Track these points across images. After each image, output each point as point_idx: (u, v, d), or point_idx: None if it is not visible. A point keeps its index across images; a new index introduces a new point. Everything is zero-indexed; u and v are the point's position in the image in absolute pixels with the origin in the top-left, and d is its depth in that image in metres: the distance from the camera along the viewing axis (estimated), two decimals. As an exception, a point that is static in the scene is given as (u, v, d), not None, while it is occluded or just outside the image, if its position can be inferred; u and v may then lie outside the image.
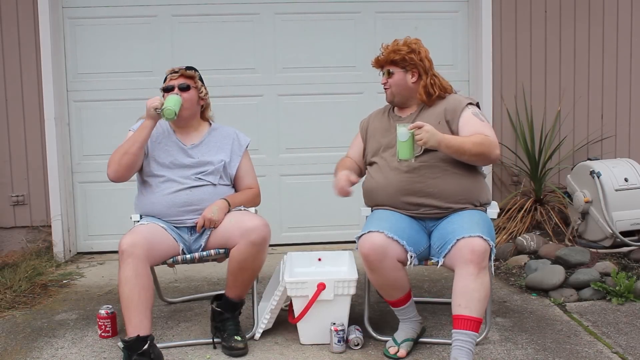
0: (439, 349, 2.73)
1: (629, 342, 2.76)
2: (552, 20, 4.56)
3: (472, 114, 2.70)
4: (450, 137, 2.60)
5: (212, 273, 3.90)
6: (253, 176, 3.05)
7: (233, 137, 3.01)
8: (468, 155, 2.60)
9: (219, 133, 3.00)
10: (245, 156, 3.03)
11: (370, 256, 2.53)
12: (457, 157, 2.61)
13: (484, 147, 2.59)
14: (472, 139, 2.60)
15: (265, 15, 4.49)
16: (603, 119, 4.66)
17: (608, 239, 3.92)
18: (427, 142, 2.52)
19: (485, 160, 2.66)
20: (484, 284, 2.43)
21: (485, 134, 2.63)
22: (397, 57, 2.77)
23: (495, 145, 2.62)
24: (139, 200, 2.90)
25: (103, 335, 2.93)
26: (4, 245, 4.40)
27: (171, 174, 2.82)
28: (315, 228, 4.60)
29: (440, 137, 2.54)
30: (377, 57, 2.85)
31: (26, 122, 4.36)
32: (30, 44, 4.31)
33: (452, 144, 2.57)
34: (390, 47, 2.81)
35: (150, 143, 2.88)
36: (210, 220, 2.75)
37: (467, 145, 2.58)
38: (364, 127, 2.98)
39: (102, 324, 2.92)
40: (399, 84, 2.79)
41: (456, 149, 2.57)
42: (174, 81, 2.90)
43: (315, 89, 4.55)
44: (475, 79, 4.55)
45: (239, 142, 3.02)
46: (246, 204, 2.93)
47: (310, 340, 2.78)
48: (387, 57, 2.80)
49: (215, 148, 2.93)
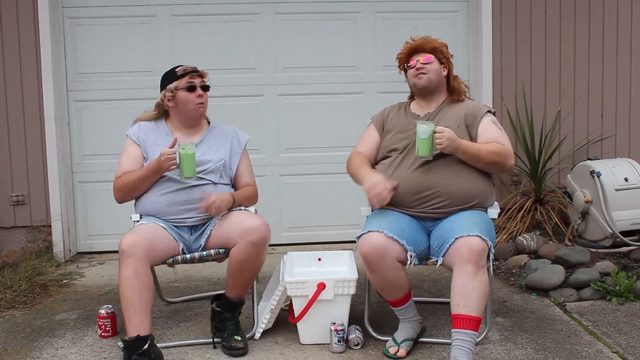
0: (439, 348, 2.73)
1: (629, 342, 2.76)
2: (552, 21, 4.56)
3: (490, 121, 2.75)
4: (467, 144, 2.64)
5: (212, 273, 3.90)
6: (251, 174, 3.05)
7: (232, 135, 3.01)
8: (483, 163, 2.66)
9: (218, 131, 3.00)
10: (245, 154, 3.03)
11: (370, 256, 2.53)
12: (472, 163, 2.66)
13: (500, 156, 2.65)
14: (489, 148, 2.65)
15: (265, 15, 4.49)
16: (603, 119, 4.65)
17: (608, 238, 3.92)
18: (446, 148, 2.58)
19: (500, 169, 2.73)
20: (482, 283, 2.43)
21: (502, 143, 2.69)
22: (436, 45, 2.80)
23: (510, 155, 2.69)
24: (139, 199, 2.90)
25: (103, 335, 2.92)
26: (4, 245, 4.40)
27: (171, 172, 2.81)
28: (315, 228, 4.60)
29: (458, 144, 2.59)
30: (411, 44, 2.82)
31: (26, 122, 4.36)
32: (30, 44, 4.31)
33: (469, 151, 2.62)
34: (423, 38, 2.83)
35: (148, 146, 2.87)
36: (217, 207, 2.73)
37: (483, 154, 2.64)
38: (379, 120, 2.93)
39: (102, 323, 2.92)
40: (437, 72, 2.80)
41: (472, 156, 2.63)
42: (196, 80, 2.86)
43: (315, 89, 4.55)
44: (475, 79, 4.55)
45: (238, 140, 3.02)
46: (247, 202, 2.94)
47: (310, 340, 2.78)
48: (425, 43, 2.80)
49: (215, 147, 2.93)
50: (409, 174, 2.68)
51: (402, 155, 2.74)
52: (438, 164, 2.66)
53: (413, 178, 2.67)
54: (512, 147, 2.73)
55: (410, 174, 2.68)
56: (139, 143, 2.88)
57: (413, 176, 2.68)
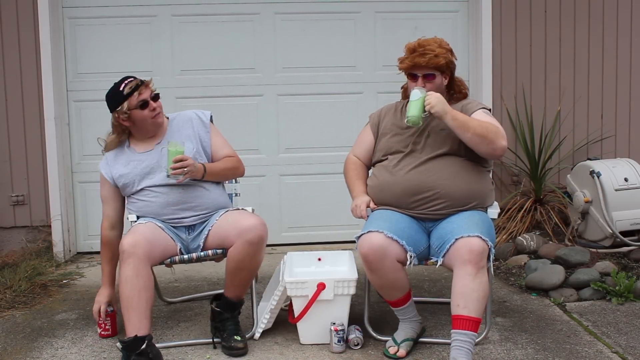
0: (438, 348, 2.73)
1: (629, 342, 2.76)
2: (552, 20, 4.56)
3: (483, 112, 2.73)
4: (458, 112, 2.60)
5: (212, 273, 3.90)
6: (229, 146, 2.98)
7: (193, 118, 2.96)
8: (471, 134, 2.54)
9: (179, 122, 2.95)
10: (214, 130, 2.98)
11: (370, 256, 2.53)
12: (460, 133, 2.56)
13: (490, 131, 2.57)
14: (480, 121, 2.61)
15: (265, 15, 4.49)
16: (603, 119, 4.65)
17: (608, 238, 3.92)
18: (434, 107, 2.53)
19: (489, 146, 2.57)
20: (482, 284, 2.43)
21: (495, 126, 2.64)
22: (442, 62, 2.70)
23: (501, 135, 2.59)
24: (133, 204, 2.88)
25: (103, 334, 2.92)
26: (4, 245, 4.40)
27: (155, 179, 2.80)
28: (315, 228, 4.59)
29: (447, 108, 2.56)
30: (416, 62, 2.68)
31: (26, 122, 4.36)
32: (30, 44, 4.31)
33: (459, 117, 2.57)
34: (427, 50, 2.68)
35: (117, 171, 2.85)
36: (188, 165, 2.68)
37: (472, 122, 2.57)
38: (375, 122, 2.92)
39: (102, 322, 2.92)
40: (438, 86, 2.73)
41: (461, 123, 2.55)
42: (144, 93, 2.79)
43: (315, 89, 4.55)
44: (475, 79, 4.55)
45: (201, 121, 2.96)
46: (229, 172, 2.92)
47: (310, 340, 2.78)
48: (430, 61, 2.68)
49: (179, 138, 2.86)
50: (407, 175, 2.68)
51: (399, 157, 2.73)
52: (436, 165, 2.66)
53: (411, 179, 2.67)
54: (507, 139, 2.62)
55: (409, 176, 2.67)
56: (108, 179, 2.88)
57: (411, 178, 2.67)
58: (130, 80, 2.80)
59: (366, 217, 2.73)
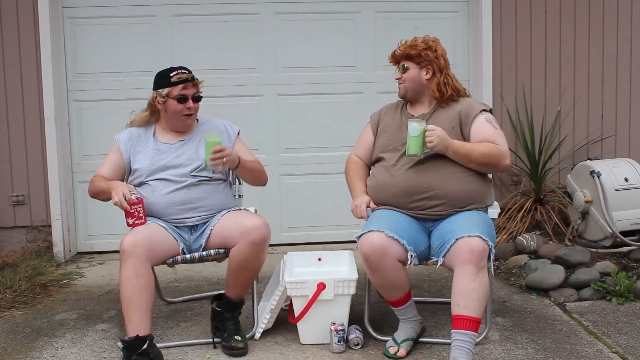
0: (439, 348, 2.73)
1: (629, 342, 2.76)
2: (552, 20, 4.56)
3: (485, 120, 2.71)
4: (459, 144, 2.62)
5: (212, 273, 3.90)
6: (253, 156, 3.01)
7: (220, 128, 2.98)
8: (475, 164, 2.64)
9: (206, 126, 2.97)
10: (238, 142, 3.00)
11: (370, 256, 2.53)
12: (463, 164, 2.64)
13: (493, 158, 2.63)
14: (481, 149, 2.63)
15: (265, 15, 4.49)
16: (603, 119, 4.65)
17: (608, 238, 3.92)
18: (436, 146, 2.56)
19: (494, 170, 2.72)
20: (482, 284, 2.43)
21: (497, 142, 2.66)
22: (413, 52, 2.76)
23: (505, 155, 2.66)
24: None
25: (136, 223, 2.63)
26: (4, 245, 4.40)
27: (166, 174, 2.81)
28: (315, 228, 4.59)
29: (449, 143, 2.58)
30: (394, 51, 2.84)
31: (26, 122, 4.36)
32: (30, 44, 4.31)
33: (460, 151, 2.61)
34: (408, 42, 2.81)
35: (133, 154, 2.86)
36: (227, 155, 2.68)
37: (474, 154, 2.62)
38: (375, 120, 2.94)
39: (135, 210, 2.62)
40: (413, 80, 2.78)
41: (463, 157, 2.62)
42: (189, 91, 2.81)
43: (315, 89, 4.55)
44: (475, 79, 4.55)
45: (228, 134, 2.98)
46: (256, 173, 2.93)
47: (310, 340, 2.78)
48: (403, 51, 2.79)
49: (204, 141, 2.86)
50: (404, 175, 2.68)
51: (397, 156, 2.73)
52: (433, 165, 2.66)
53: (409, 179, 2.67)
54: (507, 146, 2.69)
55: (406, 175, 2.67)
56: (122, 154, 2.88)
57: (409, 177, 2.67)
58: (183, 72, 2.84)
59: (366, 217, 2.73)
